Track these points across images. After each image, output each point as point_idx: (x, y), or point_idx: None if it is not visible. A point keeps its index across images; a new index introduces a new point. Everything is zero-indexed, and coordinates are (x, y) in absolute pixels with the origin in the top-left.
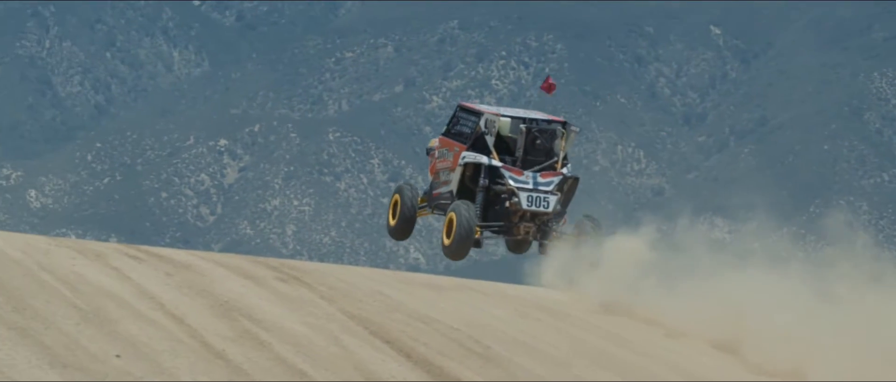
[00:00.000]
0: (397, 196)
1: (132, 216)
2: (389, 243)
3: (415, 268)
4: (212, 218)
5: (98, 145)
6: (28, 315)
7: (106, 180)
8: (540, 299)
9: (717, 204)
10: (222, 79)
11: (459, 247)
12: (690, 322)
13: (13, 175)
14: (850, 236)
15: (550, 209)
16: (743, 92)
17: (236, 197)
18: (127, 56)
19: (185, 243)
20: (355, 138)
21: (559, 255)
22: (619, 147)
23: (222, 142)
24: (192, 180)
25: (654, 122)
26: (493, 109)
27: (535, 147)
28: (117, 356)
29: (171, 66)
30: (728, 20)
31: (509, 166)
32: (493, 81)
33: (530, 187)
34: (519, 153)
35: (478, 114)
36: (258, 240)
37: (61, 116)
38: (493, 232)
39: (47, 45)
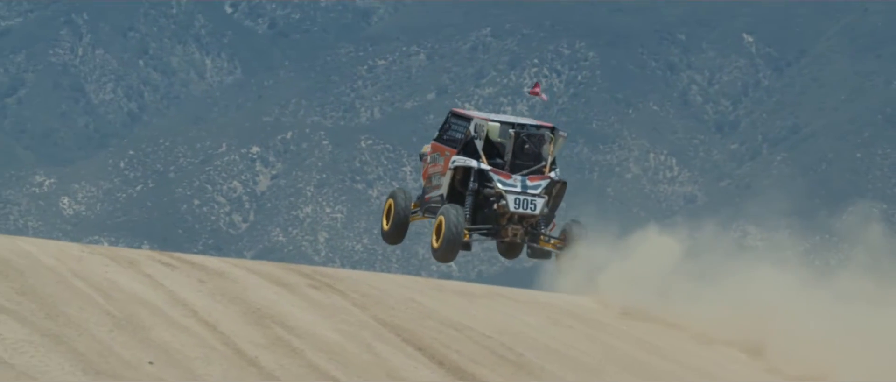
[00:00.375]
0: (391, 201)
1: (165, 223)
2: (422, 250)
3: (447, 275)
4: (244, 225)
5: (131, 152)
6: (61, 322)
7: (138, 188)
8: (571, 306)
9: (749, 212)
10: (255, 86)
11: (447, 250)
12: (720, 328)
13: (46, 182)
14: (883, 243)
15: (537, 212)
16: (775, 100)
17: (269, 204)
18: (159, 64)
19: (218, 250)
20: (387, 146)
21: (576, 260)
22: (652, 155)
23: (255, 149)
24: (225, 187)
25: (686, 129)
26: (484, 115)
27: (523, 151)
28: (150, 362)
29: (204, 73)
30: (761, 28)
31: (498, 170)
32: (525, 89)
33: (518, 189)
34: (508, 157)
35: (468, 119)
36: (290, 247)
37: (94, 124)
38: (482, 235)
39: (80, 52)
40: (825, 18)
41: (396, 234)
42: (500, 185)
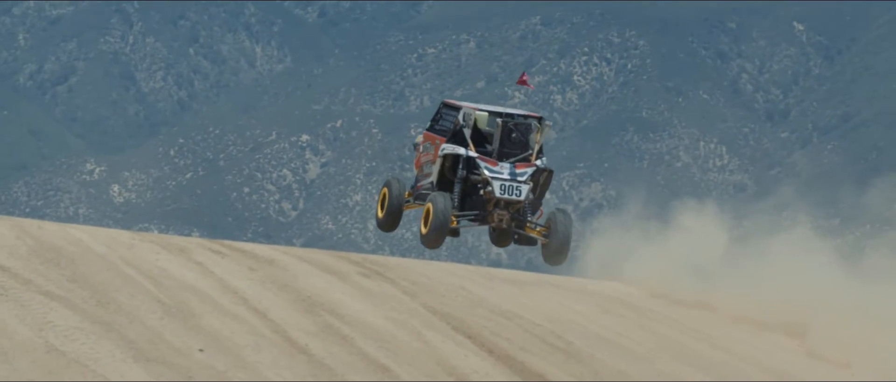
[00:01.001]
0: (385, 190)
1: (214, 211)
2: (471, 238)
3: (496, 264)
4: (294, 213)
5: (181, 140)
6: (112, 309)
7: (188, 176)
8: (622, 294)
9: (799, 200)
10: (304, 75)
11: (435, 236)
12: (770, 315)
13: (97, 170)
14: None
15: (522, 198)
16: (826, 88)
17: (318, 192)
18: (210, 52)
19: (268, 238)
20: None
21: (604, 245)
22: (702, 143)
23: (304, 137)
24: (275, 175)
25: (736, 118)
26: (473, 105)
27: (511, 140)
28: (200, 350)
29: (254, 62)
30: (811, 16)
31: (485, 157)
32: (575, 77)
33: (504, 176)
34: (495, 145)
35: (458, 109)
36: (340, 235)
37: (144, 112)
38: (470, 221)
39: (131, 41)
40: (876, 6)
41: (390, 222)
42: (486, 172)
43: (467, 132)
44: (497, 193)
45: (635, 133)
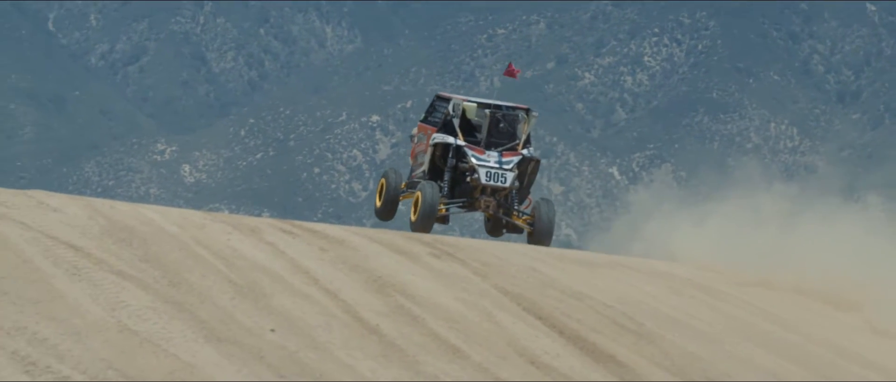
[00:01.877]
0: (383, 180)
1: (285, 192)
2: None
3: (566, 245)
4: (364, 194)
5: (251, 120)
6: (184, 289)
7: (259, 156)
8: (693, 275)
9: (871, 182)
10: (375, 55)
11: (424, 223)
12: (839, 296)
13: (168, 150)
14: None
15: (508, 185)
16: None
17: None
18: (280, 32)
19: (338, 218)
20: None
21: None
22: (772, 125)
23: (374, 118)
24: (345, 155)
25: (807, 99)
26: (464, 98)
27: (498, 130)
28: (272, 330)
29: (324, 42)
30: None
31: (472, 146)
32: (646, 58)
33: (490, 164)
34: (483, 135)
35: (449, 101)
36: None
37: (215, 92)
38: (459, 208)
39: (201, 21)
40: None
41: (387, 211)
42: (473, 160)
43: (456, 122)
44: (483, 179)
45: (705, 114)
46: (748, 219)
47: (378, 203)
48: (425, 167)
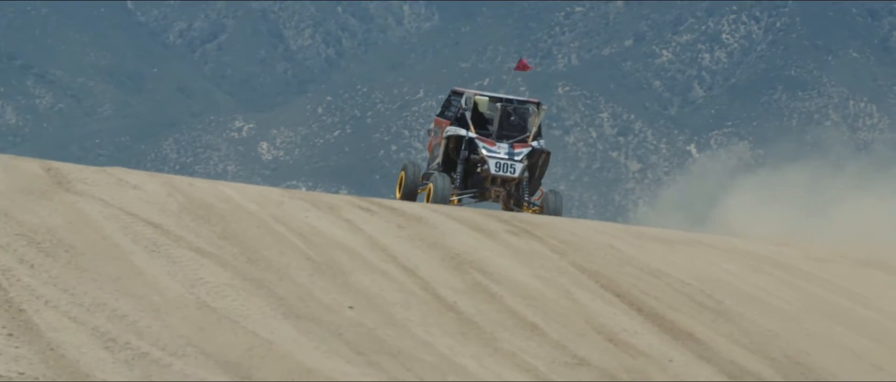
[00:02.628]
0: (403, 173)
1: (362, 169)
2: (618, 197)
3: (644, 222)
4: None
5: (329, 98)
6: (262, 267)
7: (336, 133)
8: (772, 253)
9: None
10: (452, 33)
11: None
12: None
13: (245, 128)
14: None
15: (516, 175)
16: None
17: None
18: (358, 10)
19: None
20: (584, 92)
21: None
22: (851, 102)
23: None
24: (422, 132)
25: (886, 76)
26: (475, 91)
27: (509, 123)
28: (350, 307)
29: (402, 19)
30: None
31: (483, 138)
32: (724, 36)
33: (500, 155)
34: (494, 127)
35: (462, 95)
36: None
37: (293, 70)
38: (471, 198)
39: None
40: None
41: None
42: (484, 151)
43: (468, 115)
44: (492, 170)
45: (784, 92)
46: (826, 195)
47: (398, 195)
48: (440, 159)
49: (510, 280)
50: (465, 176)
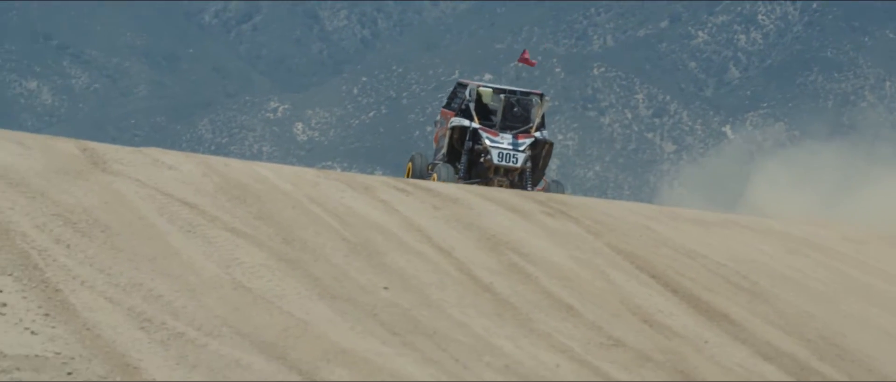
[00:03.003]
0: (410, 164)
1: (397, 150)
2: (653, 177)
3: (679, 203)
4: None
5: (364, 78)
6: (297, 247)
7: (371, 114)
8: (808, 234)
9: None
10: (487, 13)
11: None
12: None
13: (280, 108)
14: None
15: (519, 165)
16: None
17: None
18: None
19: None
20: (620, 73)
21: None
22: (888, 83)
23: (487, 76)
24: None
25: None
26: (479, 83)
27: (512, 114)
28: (385, 288)
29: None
30: None
31: (487, 128)
32: (759, 17)
33: (503, 146)
34: (498, 118)
35: (466, 87)
36: None
37: (328, 50)
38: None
39: None
40: None
41: None
42: (487, 141)
43: (471, 106)
44: (495, 160)
45: (820, 73)
46: (862, 176)
47: None
48: (445, 150)
49: (546, 261)
50: (468, 166)
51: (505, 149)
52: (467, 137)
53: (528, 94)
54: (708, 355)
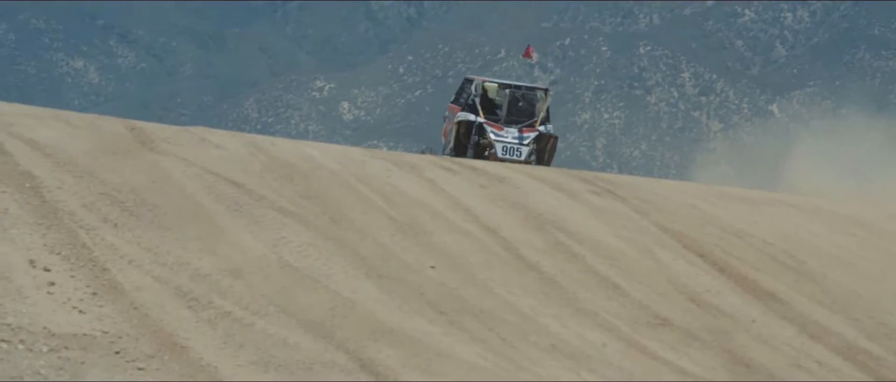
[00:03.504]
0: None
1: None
2: (699, 156)
3: (725, 182)
4: None
5: (410, 57)
6: (344, 226)
7: (418, 93)
8: (855, 213)
9: None
10: None
11: None
12: None
13: (326, 87)
14: None
15: (522, 158)
16: None
17: None
18: None
19: None
20: (666, 52)
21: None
22: None
23: (535, 56)
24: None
25: None
26: (485, 78)
27: (517, 108)
28: (432, 267)
29: None
30: None
31: (492, 123)
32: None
33: (507, 139)
34: (503, 113)
35: (472, 82)
36: (568, 153)
37: (374, 29)
38: None
39: None
40: None
41: None
42: (491, 135)
43: (477, 101)
44: (499, 154)
45: (867, 51)
46: None
47: None
48: (452, 144)
49: (592, 240)
50: (474, 159)
51: (509, 143)
52: (473, 132)
53: (533, 88)
54: (755, 334)
